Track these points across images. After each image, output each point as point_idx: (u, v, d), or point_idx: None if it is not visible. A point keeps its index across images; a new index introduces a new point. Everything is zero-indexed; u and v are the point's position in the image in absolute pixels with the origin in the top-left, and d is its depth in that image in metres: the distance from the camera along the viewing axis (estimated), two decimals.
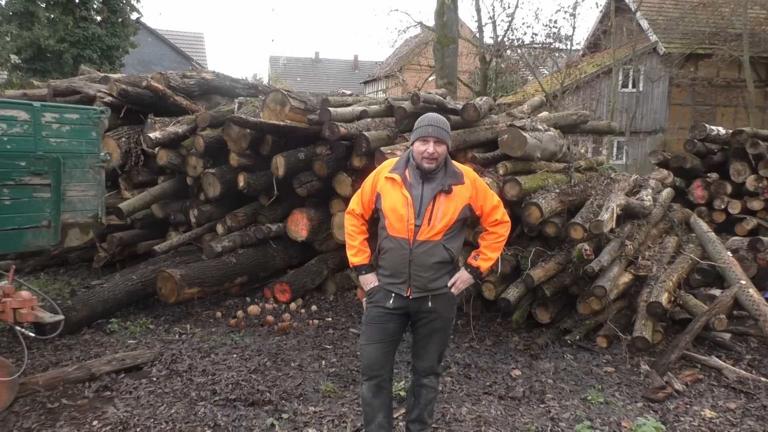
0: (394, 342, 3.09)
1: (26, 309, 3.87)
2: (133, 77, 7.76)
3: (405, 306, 3.00)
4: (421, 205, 2.92)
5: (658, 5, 20.56)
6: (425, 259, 2.92)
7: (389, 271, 3.01)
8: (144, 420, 3.57)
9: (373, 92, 37.26)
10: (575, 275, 5.29)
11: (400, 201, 2.93)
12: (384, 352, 3.04)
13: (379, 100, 7.31)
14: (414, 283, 2.94)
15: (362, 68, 46.47)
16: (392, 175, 2.99)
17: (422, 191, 2.94)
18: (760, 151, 7.13)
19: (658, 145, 17.77)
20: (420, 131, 2.96)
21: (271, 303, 6.02)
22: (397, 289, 2.98)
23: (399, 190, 2.95)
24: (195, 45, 33.13)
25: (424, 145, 2.92)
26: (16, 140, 4.12)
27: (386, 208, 2.97)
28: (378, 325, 3.03)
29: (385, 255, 3.03)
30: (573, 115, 7.69)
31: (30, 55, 16.12)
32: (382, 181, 3.03)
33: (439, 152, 2.93)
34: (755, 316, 4.83)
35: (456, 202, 2.95)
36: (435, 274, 2.96)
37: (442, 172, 2.99)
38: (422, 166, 2.93)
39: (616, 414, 3.85)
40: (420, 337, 3.10)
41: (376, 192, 3.06)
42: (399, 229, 2.93)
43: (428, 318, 3.02)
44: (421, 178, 2.97)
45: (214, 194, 6.40)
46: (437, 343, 3.10)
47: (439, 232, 2.92)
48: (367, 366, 3.06)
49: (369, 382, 3.05)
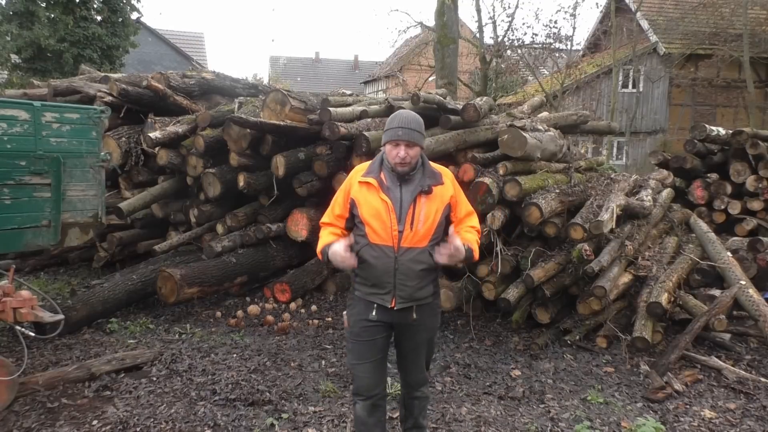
0: (384, 356, 2.92)
1: (26, 308, 3.87)
2: (133, 77, 7.75)
3: (389, 318, 2.81)
4: (401, 209, 2.74)
5: (659, 5, 20.58)
6: (412, 266, 2.73)
7: (371, 281, 2.79)
8: (144, 420, 3.57)
9: (373, 92, 37.28)
10: (575, 275, 5.29)
11: (380, 206, 2.73)
12: (377, 371, 2.89)
13: (379, 100, 7.32)
14: (399, 293, 2.75)
15: (362, 68, 46.51)
16: (367, 179, 2.79)
17: (401, 194, 2.76)
18: (760, 152, 7.13)
19: (658, 146, 17.78)
20: (390, 134, 2.77)
21: (271, 303, 6.02)
22: (381, 300, 2.78)
23: (376, 194, 2.76)
24: (195, 45, 33.15)
25: (395, 149, 2.74)
26: (16, 140, 4.13)
27: (366, 215, 2.76)
28: (365, 342, 2.84)
29: (365, 264, 2.78)
30: (573, 116, 7.70)
31: (30, 54, 16.14)
32: (356, 187, 2.82)
33: (412, 155, 2.74)
34: (755, 317, 4.83)
35: (437, 204, 2.78)
36: (420, 283, 2.78)
37: (420, 173, 2.81)
38: (396, 169, 2.76)
39: (615, 414, 3.85)
40: (406, 351, 2.94)
41: (350, 199, 2.83)
42: (383, 237, 2.73)
43: (413, 331, 2.87)
44: (399, 180, 2.79)
45: (214, 194, 6.39)
46: (425, 354, 2.98)
47: (425, 237, 2.75)
48: (362, 387, 2.89)
49: (364, 402, 2.88)
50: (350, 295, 2.98)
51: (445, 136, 5.72)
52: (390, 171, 2.80)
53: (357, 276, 2.87)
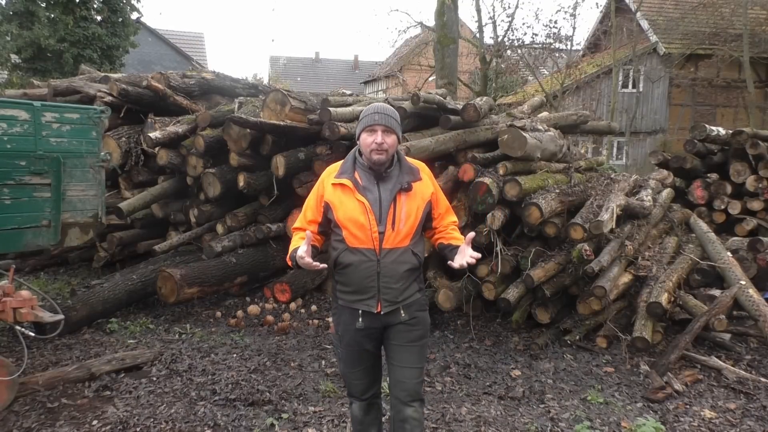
0: (376, 362, 2.81)
1: (26, 308, 3.88)
2: (133, 77, 7.75)
3: (377, 324, 2.66)
4: (381, 209, 2.58)
5: (659, 5, 20.57)
6: (395, 268, 2.60)
7: (352, 287, 2.64)
8: (144, 420, 3.57)
9: (373, 92, 37.29)
10: (575, 275, 5.29)
11: (357, 208, 2.58)
12: (370, 375, 2.80)
13: (379, 100, 7.31)
14: (384, 297, 2.60)
15: (362, 68, 46.50)
16: (340, 181, 2.63)
17: (379, 193, 2.60)
18: (760, 152, 7.13)
19: (658, 146, 17.79)
20: (366, 120, 2.61)
21: (271, 303, 6.02)
22: (365, 306, 2.62)
23: (352, 195, 2.59)
24: (195, 45, 33.17)
25: (371, 136, 2.58)
26: (16, 140, 4.13)
27: (342, 218, 2.60)
28: (354, 351, 2.72)
29: (345, 270, 2.64)
30: (573, 116, 7.69)
31: (30, 54, 16.14)
32: (329, 190, 2.64)
33: (389, 143, 2.58)
34: (755, 317, 4.83)
35: (417, 201, 2.64)
36: (405, 284, 2.64)
37: (397, 169, 2.66)
38: (371, 158, 2.58)
39: (615, 414, 3.85)
40: (396, 353, 2.71)
41: (323, 203, 2.66)
42: (362, 239, 2.58)
43: (404, 329, 2.69)
44: (375, 179, 2.62)
45: (214, 194, 6.39)
46: (417, 356, 2.72)
47: (407, 236, 2.61)
48: (356, 391, 2.81)
49: (360, 402, 2.82)
50: (334, 304, 2.83)
51: (445, 136, 5.72)
52: (365, 170, 2.65)
53: (337, 283, 2.73)
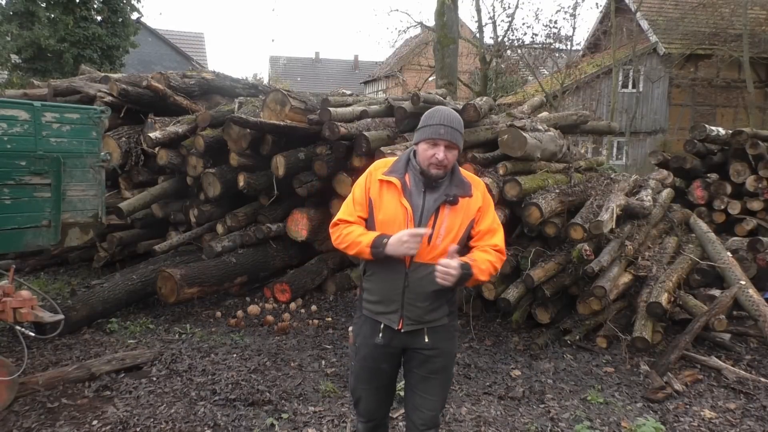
0: (390, 384, 2.64)
1: (26, 308, 3.87)
2: (133, 77, 7.75)
3: (397, 342, 2.48)
4: (422, 219, 2.39)
5: (658, 6, 20.58)
6: (423, 285, 2.38)
7: (377, 296, 2.47)
8: (144, 420, 3.57)
9: (373, 92, 37.29)
10: (575, 275, 5.29)
11: (399, 213, 2.39)
12: (382, 397, 2.64)
13: (379, 100, 7.31)
14: (407, 314, 2.42)
15: (362, 68, 46.52)
16: (389, 178, 2.43)
17: (423, 201, 2.41)
18: (760, 152, 7.13)
19: (658, 146, 17.78)
20: (430, 131, 2.38)
21: (271, 303, 6.02)
22: (387, 319, 2.45)
23: (397, 198, 2.41)
24: (195, 45, 33.18)
25: (432, 149, 2.37)
26: (16, 140, 4.13)
27: (380, 220, 2.42)
28: (369, 367, 2.55)
29: (372, 277, 2.49)
30: (573, 116, 7.70)
31: (30, 54, 16.15)
32: (375, 186, 2.45)
33: (450, 159, 2.40)
34: (755, 317, 4.83)
35: (461, 217, 2.42)
36: (432, 304, 2.43)
37: (447, 180, 2.45)
38: (429, 171, 2.39)
39: (615, 414, 3.85)
40: (416, 381, 2.53)
41: (368, 198, 2.46)
42: None
43: (425, 355, 2.48)
44: (424, 186, 2.43)
45: (214, 194, 6.39)
46: (439, 387, 2.52)
47: (443, 253, 2.36)
48: (364, 410, 2.65)
49: (366, 424, 2.68)
50: (357, 312, 2.65)
51: None
52: (417, 173, 2.45)
53: (364, 290, 2.56)
